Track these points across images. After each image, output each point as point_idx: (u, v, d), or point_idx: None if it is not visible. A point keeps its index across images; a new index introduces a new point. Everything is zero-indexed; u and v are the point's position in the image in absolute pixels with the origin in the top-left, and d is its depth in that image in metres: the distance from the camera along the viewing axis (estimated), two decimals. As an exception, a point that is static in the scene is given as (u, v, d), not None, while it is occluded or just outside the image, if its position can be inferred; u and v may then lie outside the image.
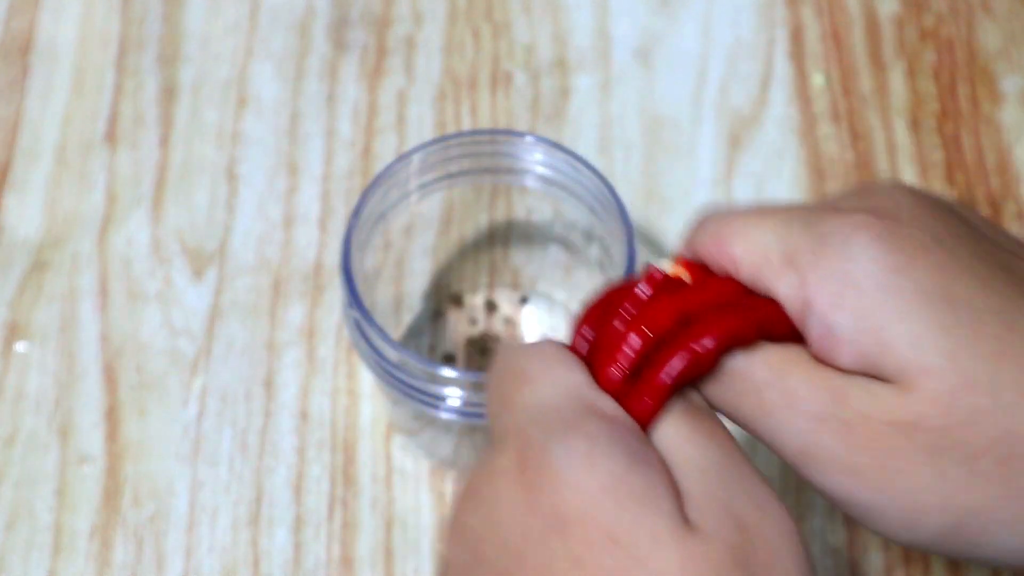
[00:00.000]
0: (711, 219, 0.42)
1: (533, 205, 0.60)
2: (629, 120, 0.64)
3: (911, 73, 0.66)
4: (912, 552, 0.55)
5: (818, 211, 0.40)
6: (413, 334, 0.59)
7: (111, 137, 0.64)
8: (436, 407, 0.50)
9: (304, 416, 0.57)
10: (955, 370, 0.37)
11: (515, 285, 0.60)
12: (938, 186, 0.63)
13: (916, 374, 0.37)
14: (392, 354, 0.50)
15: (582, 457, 0.36)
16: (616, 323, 0.40)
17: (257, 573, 0.55)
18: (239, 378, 0.58)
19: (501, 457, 0.37)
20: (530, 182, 0.55)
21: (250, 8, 0.67)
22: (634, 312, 0.40)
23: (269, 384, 0.58)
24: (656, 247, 0.61)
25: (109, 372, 0.58)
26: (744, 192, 0.63)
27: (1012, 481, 0.37)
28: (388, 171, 0.53)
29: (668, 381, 0.38)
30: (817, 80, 0.66)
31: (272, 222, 0.62)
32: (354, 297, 0.50)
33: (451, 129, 0.64)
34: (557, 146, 0.54)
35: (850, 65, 0.66)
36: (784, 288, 0.39)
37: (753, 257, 0.40)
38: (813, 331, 0.39)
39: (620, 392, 0.39)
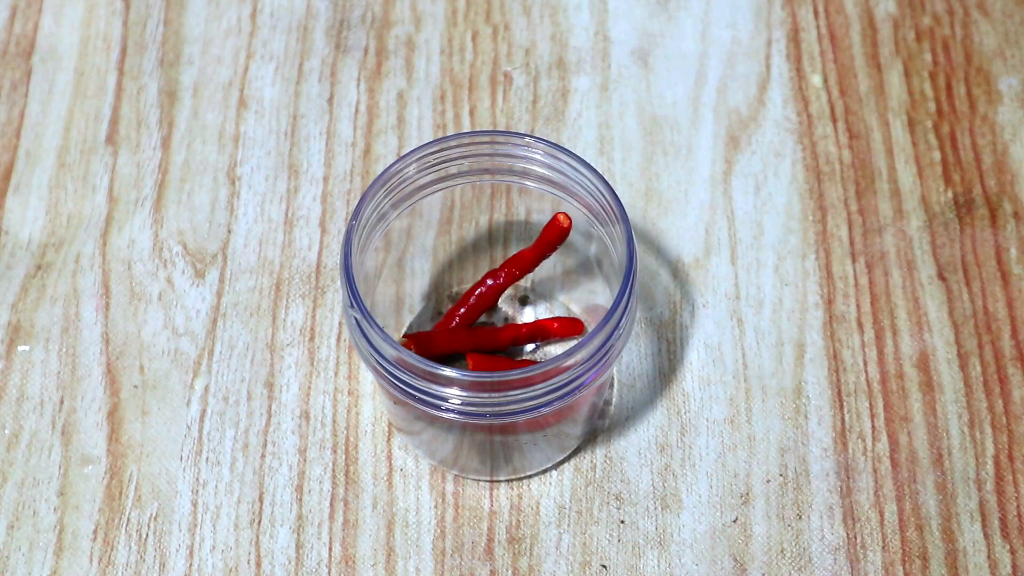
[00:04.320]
0: None
1: (533, 205, 0.60)
2: (628, 121, 0.65)
3: (908, 73, 0.66)
4: (911, 551, 0.55)
5: None
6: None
7: (113, 139, 0.64)
8: (436, 407, 0.51)
9: (305, 416, 0.58)
10: None
11: (515, 285, 0.60)
12: (935, 185, 0.63)
13: None
14: (392, 354, 0.50)
15: None
16: None
17: (259, 572, 0.55)
18: (241, 378, 0.58)
19: None
20: (530, 182, 0.56)
21: (251, 11, 0.68)
22: None
23: (270, 384, 0.58)
24: (655, 247, 0.62)
25: (111, 373, 0.59)
26: (743, 192, 0.63)
27: None
28: (388, 172, 0.53)
29: None
30: (815, 80, 0.66)
31: (273, 223, 0.62)
32: (354, 297, 0.50)
33: (451, 130, 0.64)
34: (556, 146, 0.54)
35: (847, 66, 0.66)
36: None
37: None
38: None
39: None
